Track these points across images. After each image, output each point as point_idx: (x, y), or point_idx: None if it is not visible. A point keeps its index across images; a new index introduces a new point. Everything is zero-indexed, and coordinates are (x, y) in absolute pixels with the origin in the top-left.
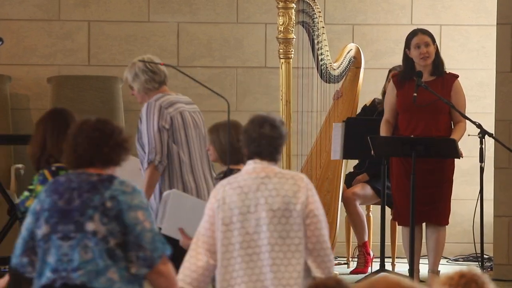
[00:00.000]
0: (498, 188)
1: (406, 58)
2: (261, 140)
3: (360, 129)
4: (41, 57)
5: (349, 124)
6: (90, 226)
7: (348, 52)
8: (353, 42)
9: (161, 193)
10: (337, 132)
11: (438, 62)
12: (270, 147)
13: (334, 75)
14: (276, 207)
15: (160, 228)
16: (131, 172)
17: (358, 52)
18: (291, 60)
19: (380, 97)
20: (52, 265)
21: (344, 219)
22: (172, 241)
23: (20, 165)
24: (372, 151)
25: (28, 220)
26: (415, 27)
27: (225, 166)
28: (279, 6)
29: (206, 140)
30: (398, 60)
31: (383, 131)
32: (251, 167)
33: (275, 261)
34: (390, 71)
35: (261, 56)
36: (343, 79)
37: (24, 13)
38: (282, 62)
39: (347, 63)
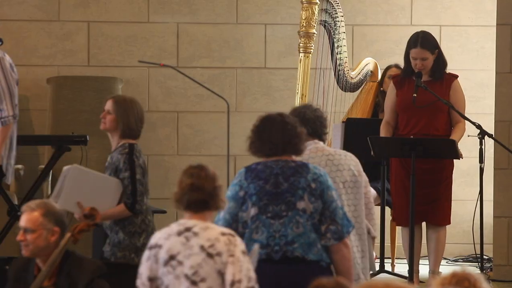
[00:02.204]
0: (498, 189)
1: (408, 57)
2: (316, 121)
3: (360, 129)
4: (40, 58)
5: (349, 125)
6: (300, 205)
7: (366, 65)
8: (352, 42)
9: None
10: (337, 132)
11: (437, 68)
12: (322, 127)
13: (351, 83)
14: (348, 180)
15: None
16: (102, 190)
17: (375, 67)
18: (310, 54)
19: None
20: (263, 241)
21: None
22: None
23: (20, 166)
24: (372, 152)
25: (229, 205)
26: (414, 28)
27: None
28: (303, 1)
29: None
30: (397, 61)
31: (383, 132)
32: (314, 147)
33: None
34: (386, 69)
35: (261, 56)
36: (359, 90)
37: (23, 14)
38: (302, 56)
39: (364, 75)
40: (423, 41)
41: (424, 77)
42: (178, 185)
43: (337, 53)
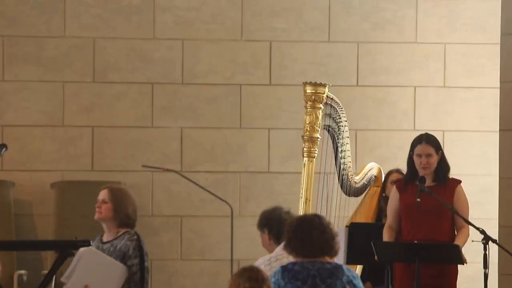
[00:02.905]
0: None
1: (411, 160)
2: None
3: (363, 234)
4: (44, 163)
5: (353, 229)
6: None
7: (370, 170)
8: (355, 146)
9: None
10: (341, 237)
11: (440, 170)
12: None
13: (355, 188)
14: None
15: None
16: (109, 275)
17: (379, 172)
18: (314, 159)
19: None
20: None
21: None
22: None
23: (23, 271)
24: (376, 256)
25: None
26: (418, 133)
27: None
28: (307, 106)
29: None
30: (400, 165)
31: (386, 236)
32: None
33: None
34: (388, 173)
35: (264, 161)
36: (363, 195)
37: (28, 119)
38: (306, 160)
39: (368, 180)
40: (428, 138)
41: (428, 181)
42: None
43: (341, 158)
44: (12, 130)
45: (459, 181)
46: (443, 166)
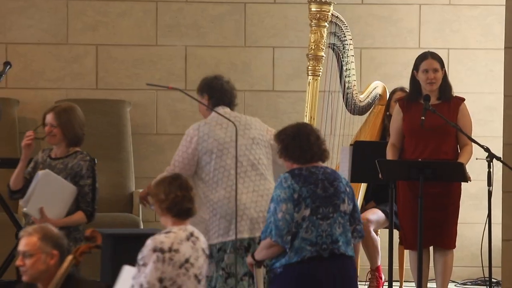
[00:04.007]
0: (506, 212)
1: (414, 79)
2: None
3: (368, 152)
4: (48, 81)
5: (357, 148)
6: (343, 207)
7: (374, 88)
8: (360, 65)
9: None
10: (345, 155)
11: (445, 88)
12: None
13: (359, 107)
14: (256, 136)
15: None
16: (60, 196)
17: (384, 90)
18: (318, 77)
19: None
20: (313, 240)
21: None
22: None
23: None
24: (380, 175)
25: (288, 206)
26: (423, 51)
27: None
28: (311, 24)
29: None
30: (405, 83)
31: (390, 155)
32: (222, 111)
33: None
34: (392, 92)
35: (269, 79)
36: (367, 113)
37: (32, 37)
38: (310, 79)
39: (372, 98)
40: (433, 54)
41: (432, 100)
42: (166, 195)
43: (345, 76)
44: (16, 48)
45: (463, 99)
46: (446, 83)
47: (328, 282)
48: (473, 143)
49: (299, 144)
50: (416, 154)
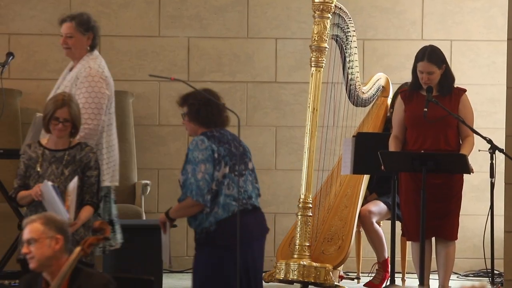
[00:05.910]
0: (509, 204)
1: (415, 71)
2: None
3: (370, 144)
4: (51, 72)
5: (360, 139)
6: (250, 165)
7: (377, 80)
8: (363, 57)
9: None
10: (347, 147)
11: (444, 84)
12: None
13: (362, 98)
14: None
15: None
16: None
17: (387, 82)
18: (321, 69)
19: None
20: (235, 196)
21: (354, 234)
22: None
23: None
24: (382, 166)
25: (207, 166)
26: (425, 43)
27: None
28: (315, 15)
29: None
30: (408, 75)
31: (392, 146)
32: None
33: None
34: (400, 88)
35: (271, 71)
36: (370, 105)
37: (34, 28)
38: (313, 70)
39: (375, 90)
40: (430, 55)
41: (433, 91)
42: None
43: (348, 68)
44: (19, 38)
45: (464, 90)
46: (448, 78)
47: (257, 232)
48: (475, 134)
49: (210, 109)
50: (417, 145)
